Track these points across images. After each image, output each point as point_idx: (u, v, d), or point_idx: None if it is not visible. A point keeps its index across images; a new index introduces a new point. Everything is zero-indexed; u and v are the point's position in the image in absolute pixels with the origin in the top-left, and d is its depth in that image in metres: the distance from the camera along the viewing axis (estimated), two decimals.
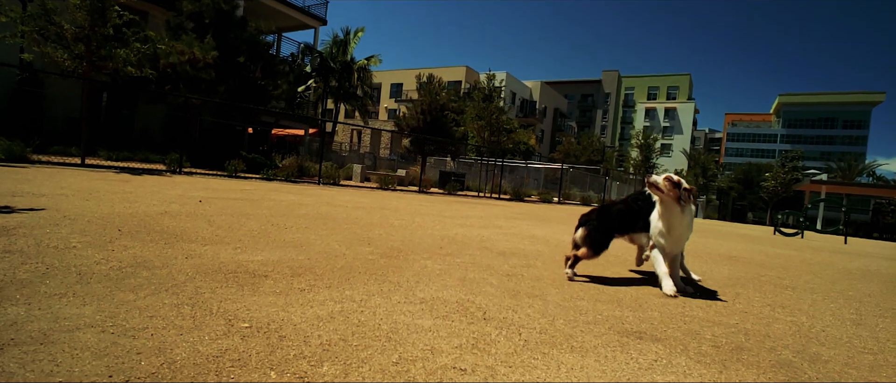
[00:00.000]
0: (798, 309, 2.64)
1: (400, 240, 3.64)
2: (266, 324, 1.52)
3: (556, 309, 2.07)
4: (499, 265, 3.04)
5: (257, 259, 2.50)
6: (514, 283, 2.53)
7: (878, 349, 1.99)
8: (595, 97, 75.16)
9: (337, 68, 29.17)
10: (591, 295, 2.43)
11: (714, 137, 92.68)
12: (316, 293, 1.96)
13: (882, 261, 7.11)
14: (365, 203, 7.17)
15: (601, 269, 3.27)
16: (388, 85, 55.07)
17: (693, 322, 2.11)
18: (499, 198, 16.30)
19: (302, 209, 5.26)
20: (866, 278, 4.50)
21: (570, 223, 7.74)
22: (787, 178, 36.34)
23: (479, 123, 18.45)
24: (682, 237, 2.72)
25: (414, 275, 2.48)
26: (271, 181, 10.84)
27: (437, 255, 3.15)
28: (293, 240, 3.20)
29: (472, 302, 2.06)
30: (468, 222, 5.82)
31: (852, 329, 2.31)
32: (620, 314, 2.12)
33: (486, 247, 3.76)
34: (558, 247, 4.25)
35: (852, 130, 75.80)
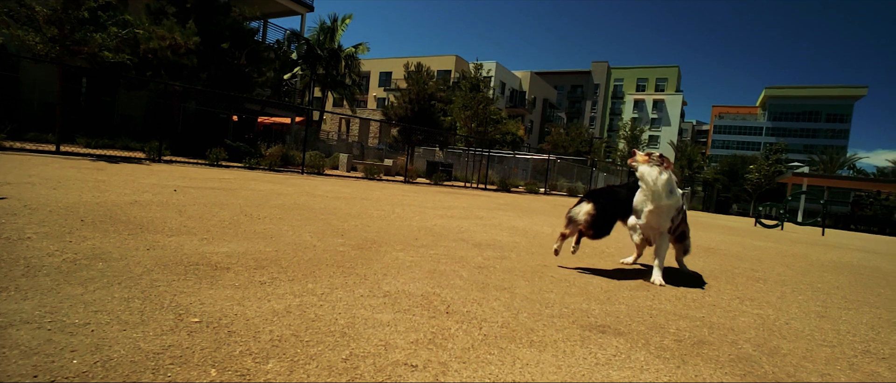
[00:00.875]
0: (766, 302, 2.66)
1: (375, 232, 3.60)
2: (217, 319, 1.48)
3: (522, 303, 2.06)
4: (472, 257, 3.02)
5: (222, 251, 2.45)
6: (484, 276, 2.51)
7: (837, 341, 2.01)
8: (584, 88, 75.30)
9: (324, 56, 28.78)
10: (561, 288, 2.42)
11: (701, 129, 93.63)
12: (276, 286, 1.92)
13: (855, 252, 7.25)
14: (346, 193, 7.11)
15: (575, 261, 3.27)
16: (377, 73, 54.59)
17: (660, 315, 2.11)
18: (485, 188, 16.30)
19: (279, 199, 5.19)
20: (837, 270, 4.57)
21: (552, 214, 7.76)
22: (771, 171, 36.88)
23: (467, 113, 18.37)
24: (662, 212, 2.77)
25: (383, 268, 2.44)
26: (253, 170, 10.69)
27: (411, 247, 3.12)
28: (264, 231, 3.14)
29: (437, 295, 2.04)
30: (449, 213, 5.80)
31: (816, 321, 2.34)
32: (587, 307, 2.11)
33: (463, 239, 3.74)
34: (536, 239, 4.25)
35: (835, 124, 77.08)
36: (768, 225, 14.01)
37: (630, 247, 4.03)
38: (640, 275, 3.01)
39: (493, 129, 18.83)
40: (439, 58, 48.20)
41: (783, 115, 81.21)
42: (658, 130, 70.20)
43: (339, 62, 28.90)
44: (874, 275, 4.47)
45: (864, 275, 4.38)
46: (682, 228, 3.14)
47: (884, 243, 12.11)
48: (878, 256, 7.03)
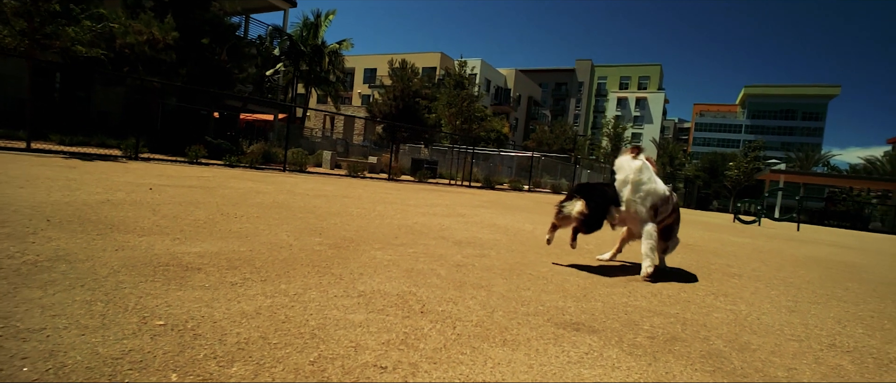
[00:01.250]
0: (739, 298, 2.71)
1: (354, 230, 3.56)
2: (183, 322, 1.44)
3: (498, 301, 2.05)
4: (452, 255, 3.01)
5: (194, 251, 2.39)
6: (462, 274, 2.50)
7: (805, 336, 2.05)
8: (569, 86, 75.88)
9: (307, 52, 28.43)
10: (538, 286, 2.42)
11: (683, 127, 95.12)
12: (248, 287, 1.88)
13: (828, 247, 7.45)
14: (328, 191, 7.04)
15: (555, 258, 3.29)
16: (362, 70, 54.22)
17: (634, 312, 2.13)
18: (469, 185, 16.32)
19: (258, 197, 5.11)
20: (809, 265, 4.68)
21: (535, 211, 7.80)
22: (750, 168, 37.70)
23: (451, 111, 18.36)
24: (637, 196, 2.92)
25: (359, 267, 2.42)
26: (234, 168, 10.52)
27: (390, 245, 3.10)
28: (239, 230, 3.09)
29: (413, 294, 2.02)
30: (432, 210, 5.78)
31: (786, 316, 2.38)
32: (563, 304, 2.12)
33: (444, 237, 3.73)
34: (517, 237, 4.26)
35: (810, 122, 79.02)
36: (746, 221, 14.30)
37: (609, 243, 4.06)
38: (619, 272, 3.04)
39: (477, 127, 18.85)
40: (424, 55, 48.07)
41: (761, 114, 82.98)
42: (641, 128, 71.13)
43: (322, 58, 28.59)
44: (844, 270, 4.59)
45: (834, 270, 4.49)
46: (669, 223, 3.15)
47: (855, 238, 12.46)
48: (848, 251, 7.23)
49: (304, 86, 30.96)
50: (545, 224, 5.76)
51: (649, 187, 2.91)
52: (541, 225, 5.56)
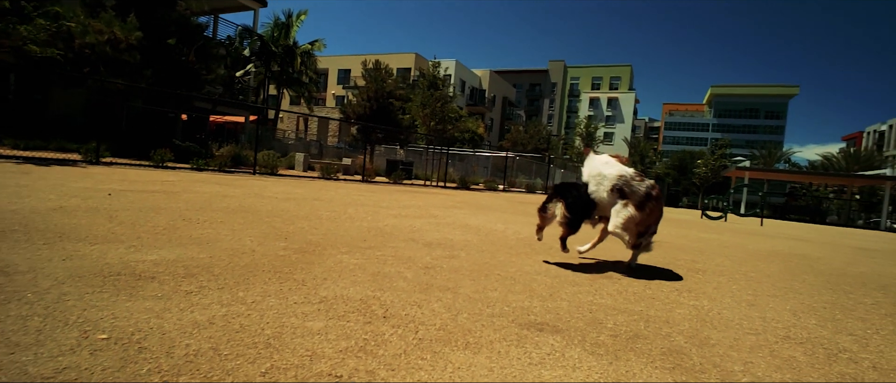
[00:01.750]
0: (702, 293, 2.77)
1: (322, 234, 3.50)
2: (129, 335, 1.37)
3: (463, 303, 2.04)
4: (420, 257, 2.98)
5: (150, 259, 2.30)
6: (429, 276, 2.47)
7: (762, 329, 2.10)
8: (542, 86, 76.81)
9: (279, 52, 27.93)
10: (505, 286, 2.42)
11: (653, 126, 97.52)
12: (204, 295, 1.81)
13: (789, 241, 7.73)
14: (298, 194, 6.91)
15: (524, 258, 3.29)
16: (336, 71, 53.64)
17: (599, 310, 2.15)
18: (444, 186, 16.32)
19: (224, 201, 4.97)
20: (771, 259, 4.84)
21: (508, 211, 7.84)
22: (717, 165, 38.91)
23: (425, 112, 18.32)
24: (597, 189, 3.14)
25: (324, 272, 2.37)
26: (202, 171, 10.23)
27: (358, 249, 3.05)
28: (201, 236, 2.98)
29: (377, 299, 1.99)
30: (404, 212, 5.74)
31: (745, 310, 2.45)
32: (529, 305, 2.12)
33: (414, 239, 3.69)
34: (488, 237, 4.26)
35: (772, 120, 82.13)
36: (713, 217, 14.74)
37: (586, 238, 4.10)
38: (588, 270, 3.06)
39: (452, 127, 18.87)
40: (399, 55, 47.88)
41: (727, 112, 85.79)
42: (613, 127, 72.57)
43: (294, 59, 28.12)
44: (801, 263, 4.76)
45: (792, 263, 4.66)
46: (648, 219, 3.11)
47: (814, 231, 12.99)
48: (807, 244, 7.52)
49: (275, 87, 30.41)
50: (517, 223, 5.79)
51: (604, 172, 3.12)
52: (513, 224, 5.59)
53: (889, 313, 2.75)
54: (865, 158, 46.85)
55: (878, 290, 3.52)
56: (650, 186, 3.06)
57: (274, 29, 28.65)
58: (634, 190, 3.02)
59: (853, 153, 50.28)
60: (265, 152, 17.63)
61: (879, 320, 2.54)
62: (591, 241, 3.43)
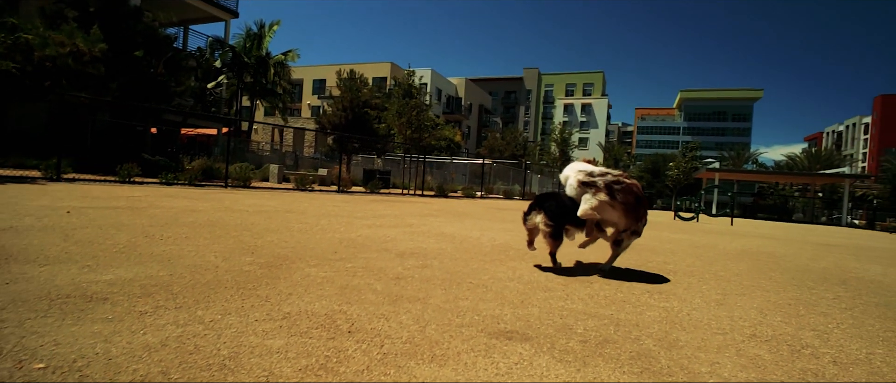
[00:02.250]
0: (672, 294, 2.79)
1: (291, 247, 3.41)
2: (70, 362, 1.29)
3: (433, 314, 2.00)
4: (392, 267, 2.93)
5: (105, 279, 2.19)
6: (399, 287, 2.43)
7: (730, 328, 2.13)
8: (518, 94, 77.71)
9: (251, 63, 27.55)
10: (477, 294, 2.39)
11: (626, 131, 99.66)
12: (159, 316, 1.73)
13: (757, 239, 7.95)
14: (270, 206, 6.77)
15: (498, 264, 3.28)
16: (311, 81, 53.20)
17: (570, 316, 2.14)
18: (422, 194, 16.27)
19: (192, 216, 4.82)
20: (740, 258, 4.95)
21: (484, 218, 7.84)
22: (688, 167, 39.94)
23: (401, 120, 18.28)
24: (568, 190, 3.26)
25: (289, 286, 2.30)
26: (171, 186, 9.95)
27: (328, 261, 2.98)
28: (163, 253, 2.87)
29: (343, 313, 1.93)
30: (379, 222, 5.67)
31: (714, 310, 2.48)
32: (499, 312, 2.09)
33: (386, 249, 3.64)
34: (463, 244, 4.23)
35: (739, 123, 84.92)
36: (685, 217, 15.08)
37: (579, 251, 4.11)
38: (561, 274, 3.06)
39: (428, 135, 18.87)
40: (374, 65, 47.81)
41: (696, 116, 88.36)
42: (587, 133, 73.84)
43: (267, 70, 27.79)
44: (768, 260, 4.89)
45: (760, 261, 4.78)
46: (629, 226, 3.17)
47: (781, 229, 13.42)
48: (774, 242, 7.74)
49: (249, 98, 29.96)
50: (493, 230, 5.79)
51: (570, 173, 3.28)
52: (488, 231, 5.58)
53: (848, 307, 2.82)
54: (826, 157, 48.84)
55: (838, 285, 3.63)
56: (615, 179, 3.10)
57: (246, 40, 28.28)
58: (597, 183, 3.08)
59: (815, 153, 52.38)
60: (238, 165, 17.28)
61: (840, 314, 2.60)
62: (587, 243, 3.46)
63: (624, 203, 3.04)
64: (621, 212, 3.07)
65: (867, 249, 7.87)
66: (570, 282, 2.91)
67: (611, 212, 3.08)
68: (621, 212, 3.07)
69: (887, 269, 4.96)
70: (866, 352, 1.92)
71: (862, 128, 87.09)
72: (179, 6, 25.83)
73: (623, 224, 3.15)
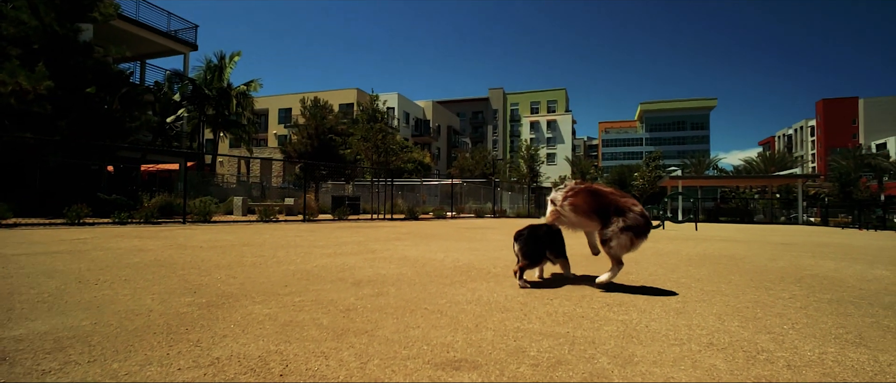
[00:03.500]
0: (632, 305, 2.75)
1: (238, 283, 3.22)
2: None
3: (379, 347, 1.88)
4: (344, 298, 2.79)
5: (12, 335, 1.97)
6: (348, 320, 2.29)
7: (687, 338, 2.08)
8: (484, 114, 78.86)
9: (213, 95, 26.98)
10: (430, 321, 2.28)
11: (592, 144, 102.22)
12: (65, 373, 1.55)
13: (719, 242, 8.12)
14: (226, 240, 6.49)
15: (459, 287, 3.17)
16: (276, 110, 52.64)
17: (524, 337, 2.05)
18: (391, 218, 16.07)
19: (138, 256, 4.55)
20: (701, 262, 5.00)
21: (453, 239, 7.74)
22: (652, 176, 41.07)
23: (367, 145, 18.16)
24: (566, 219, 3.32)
25: (227, 327, 2.13)
26: (124, 225, 9.47)
27: (275, 296, 2.82)
28: (93, 300, 2.65)
29: (279, 353, 1.79)
30: (340, 250, 5.50)
31: (673, 319, 2.44)
32: (451, 339, 1.99)
33: (342, 278, 3.49)
34: (425, 268, 4.12)
35: (697, 131, 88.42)
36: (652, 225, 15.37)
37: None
38: (520, 294, 2.98)
39: (395, 158, 18.78)
40: (340, 91, 47.73)
41: (657, 126, 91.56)
42: (554, 148, 75.33)
43: (229, 101, 27.26)
44: (729, 263, 4.96)
45: (721, 265, 4.83)
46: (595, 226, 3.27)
47: (743, 231, 13.82)
48: (735, 244, 7.92)
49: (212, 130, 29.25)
50: (459, 250, 5.69)
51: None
52: (454, 252, 5.48)
53: (803, 305, 2.84)
54: (779, 160, 51.22)
55: (794, 283, 3.69)
56: (567, 188, 3.30)
57: (206, 72, 27.76)
58: (555, 198, 3.29)
59: (769, 156, 54.87)
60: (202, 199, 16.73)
61: (795, 314, 2.61)
62: (608, 272, 3.21)
63: (572, 205, 3.15)
64: (574, 214, 3.17)
65: (822, 246, 8.15)
66: (531, 300, 2.84)
67: (564, 219, 3.16)
68: (574, 214, 3.17)
69: (839, 265, 5.10)
70: (819, 352, 1.90)
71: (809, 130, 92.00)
72: (135, 41, 25.26)
73: (588, 225, 3.27)
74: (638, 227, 3.02)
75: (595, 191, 3.19)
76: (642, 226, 3.03)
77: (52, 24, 13.36)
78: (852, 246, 8.42)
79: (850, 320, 2.50)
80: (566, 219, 3.26)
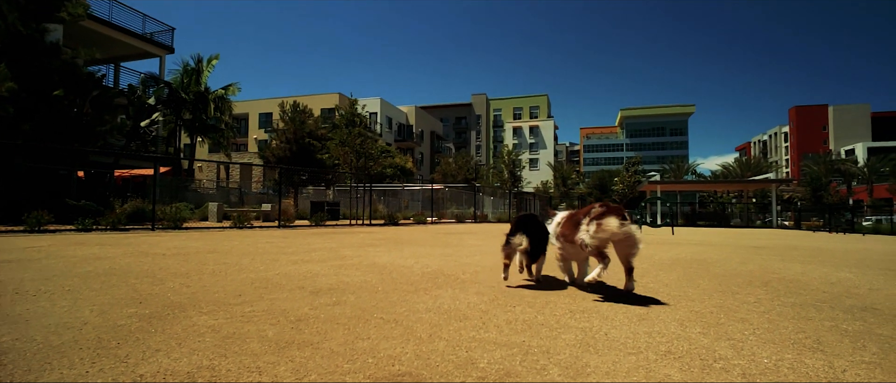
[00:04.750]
0: (595, 312, 2.69)
1: (191, 293, 3.07)
2: None
3: (320, 360, 1.77)
4: (298, 308, 2.66)
5: None
6: (295, 331, 2.18)
7: (646, 346, 2.02)
8: (468, 119, 79.10)
9: (189, 99, 26.41)
10: (382, 332, 2.18)
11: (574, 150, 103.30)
12: None
13: (693, 246, 8.18)
14: (193, 247, 6.28)
15: (420, 293, 3.08)
16: (257, 115, 51.95)
17: (478, 347, 1.97)
18: (370, 224, 15.89)
19: (93, 264, 4.34)
20: (672, 267, 5.00)
21: (427, 244, 7.64)
22: (632, 181, 41.64)
23: (345, 150, 17.93)
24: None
25: (162, 341, 2.00)
26: (88, 232, 9.13)
27: (226, 307, 2.68)
28: (23, 313, 2.48)
29: (211, 369, 1.66)
30: (308, 257, 5.35)
31: (635, 326, 2.38)
32: (400, 351, 1.89)
33: (302, 286, 3.36)
34: (392, 275, 4.01)
35: (677, 137, 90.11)
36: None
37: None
38: (486, 301, 2.90)
39: (374, 163, 18.57)
40: (322, 96, 47.33)
41: (637, 132, 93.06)
42: (537, 154, 75.88)
43: (207, 105, 26.70)
44: (699, 268, 4.96)
45: (691, 269, 4.84)
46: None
47: (719, 235, 14.02)
48: (709, 248, 7.99)
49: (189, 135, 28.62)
50: (432, 256, 5.59)
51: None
52: (425, 258, 5.38)
53: (766, 310, 2.82)
54: (755, 165, 52.46)
55: (760, 287, 3.69)
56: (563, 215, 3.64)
57: (183, 75, 27.17)
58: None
59: (745, 161, 56.15)
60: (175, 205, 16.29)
61: (757, 319, 2.58)
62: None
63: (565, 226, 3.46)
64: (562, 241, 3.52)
65: (792, 249, 8.28)
66: (493, 307, 2.76)
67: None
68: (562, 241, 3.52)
69: (806, 268, 5.15)
70: (776, 360, 1.86)
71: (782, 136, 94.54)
72: (108, 43, 24.64)
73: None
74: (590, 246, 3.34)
75: (572, 219, 3.49)
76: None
77: (16, 23, 12.89)
78: (821, 249, 8.58)
79: (810, 324, 2.48)
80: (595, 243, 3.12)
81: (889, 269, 5.21)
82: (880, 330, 2.37)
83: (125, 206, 13.34)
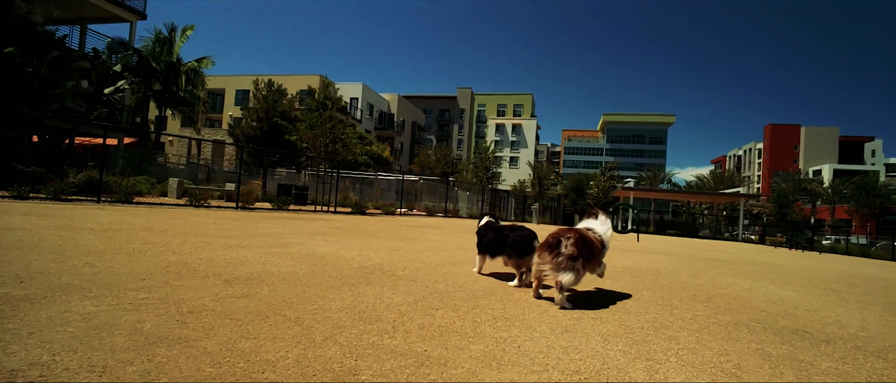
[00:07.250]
0: (520, 321, 2.55)
1: (90, 273, 2.80)
2: None
3: (185, 361, 1.56)
4: (198, 298, 2.44)
5: None
6: (178, 325, 1.96)
7: (555, 364, 1.87)
8: (452, 112, 78.76)
9: (160, 69, 25.44)
10: (276, 331, 1.98)
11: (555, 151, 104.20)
12: None
13: (652, 255, 8.19)
14: (130, 223, 5.93)
15: (342, 291, 2.88)
16: (234, 91, 50.59)
17: (371, 356, 1.79)
18: (336, 211, 15.57)
19: (5, 238, 3.99)
20: (622, 275, 4.92)
21: (383, 236, 7.43)
22: (607, 186, 42.09)
23: (313, 132, 17.47)
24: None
25: (16, 328, 1.75)
26: (24, 200, 8.61)
27: (119, 291, 2.43)
28: None
29: (48, 365, 1.44)
30: (248, 242, 5.09)
31: (555, 338, 2.24)
32: (281, 356, 1.70)
33: (218, 274, 3.12)
34: (324, 267, 3.80)
35: (656, 145, 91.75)
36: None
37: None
38: (414, 302, 2.73)
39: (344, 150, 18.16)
40: (303, 77, 46.25)
41: (618, 138, 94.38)
42: (518, 152, 76.19)
43: (178, 77, 25.77)
44: (649, 278, 4.90)
45: (641, 278, 4.77)
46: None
47: (683, 245, 14.21)
48: (668, 258, 8.01)
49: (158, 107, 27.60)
50: (380, 249, 5.40)
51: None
52: (371, 250, 5.18)
53: (699, 328, 2.73)
54: (728, 178, 53.77)
55: (702, 302, 3.61)
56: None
57: (155, 44, 26.16)
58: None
59: (719, 174, 57.50)
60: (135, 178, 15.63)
61: (686, 337, 2.48)
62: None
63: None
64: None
65: (748, 263, 8.38)
66: (415, 309, 2.59)
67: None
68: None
69: (754, 284, 5.16)
70: None
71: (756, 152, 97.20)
72: (73, 3, 23.47)
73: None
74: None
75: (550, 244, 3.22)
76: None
77: None
78: (776, 265, 8.71)
79: (736, 346, 2.39)
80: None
81: (831, 290, 5.26)
82: (803, 356, 2.29)
83: (79, 176, 12.72)
